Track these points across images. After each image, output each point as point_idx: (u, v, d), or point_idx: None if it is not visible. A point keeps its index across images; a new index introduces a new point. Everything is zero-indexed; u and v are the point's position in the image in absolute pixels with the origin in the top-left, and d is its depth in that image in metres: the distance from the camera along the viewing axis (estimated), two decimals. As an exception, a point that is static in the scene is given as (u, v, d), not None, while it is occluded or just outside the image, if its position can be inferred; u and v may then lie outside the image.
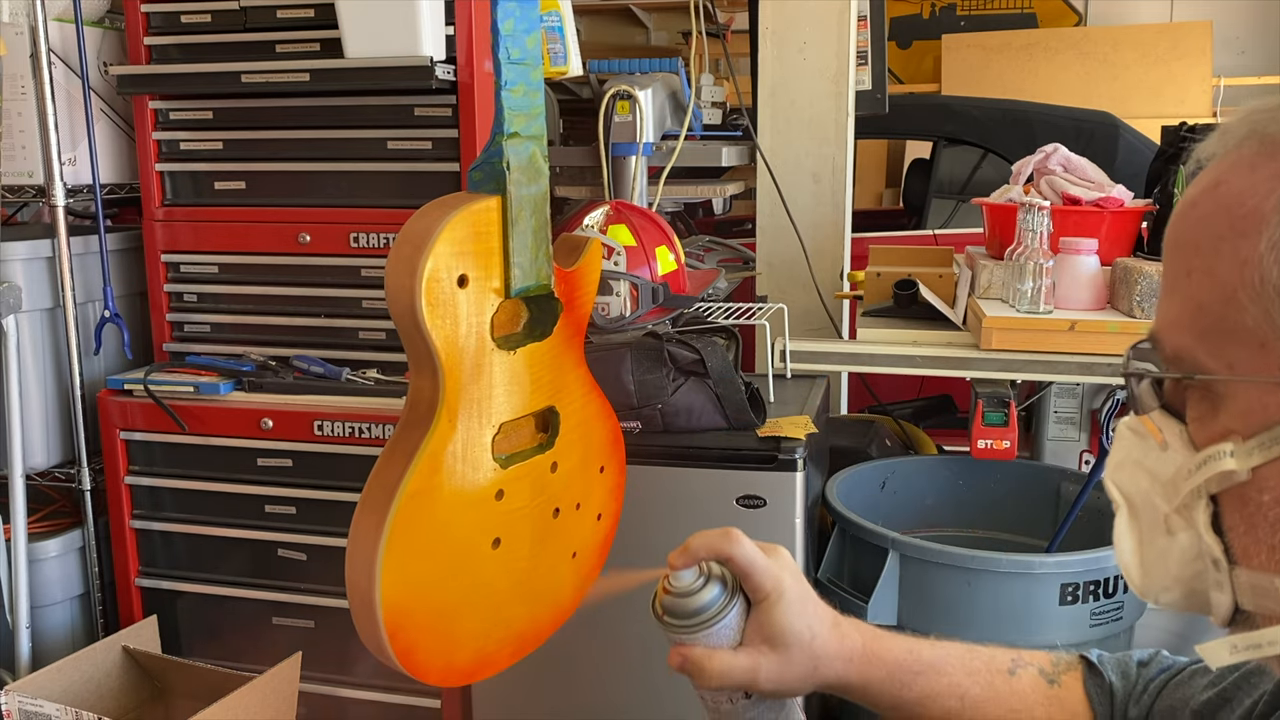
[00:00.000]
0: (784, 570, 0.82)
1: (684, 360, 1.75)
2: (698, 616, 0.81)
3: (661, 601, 0.83)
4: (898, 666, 0.84)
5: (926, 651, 0.85)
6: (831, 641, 0.83)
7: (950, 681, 0.84)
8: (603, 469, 1.21)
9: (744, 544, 0.82)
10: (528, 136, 1.05)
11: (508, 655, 1.15)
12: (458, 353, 1.02)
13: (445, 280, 0.99)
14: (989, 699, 0.84)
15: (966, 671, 0.85)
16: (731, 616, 0.82)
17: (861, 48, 2.60)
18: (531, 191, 1.05)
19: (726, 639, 0.82)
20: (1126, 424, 0.65)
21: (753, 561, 0.81)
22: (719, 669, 0.81)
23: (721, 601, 0.82)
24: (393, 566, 1.00)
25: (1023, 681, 0.86)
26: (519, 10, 1.04)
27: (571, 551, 1.18)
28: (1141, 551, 0.64)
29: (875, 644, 0.84)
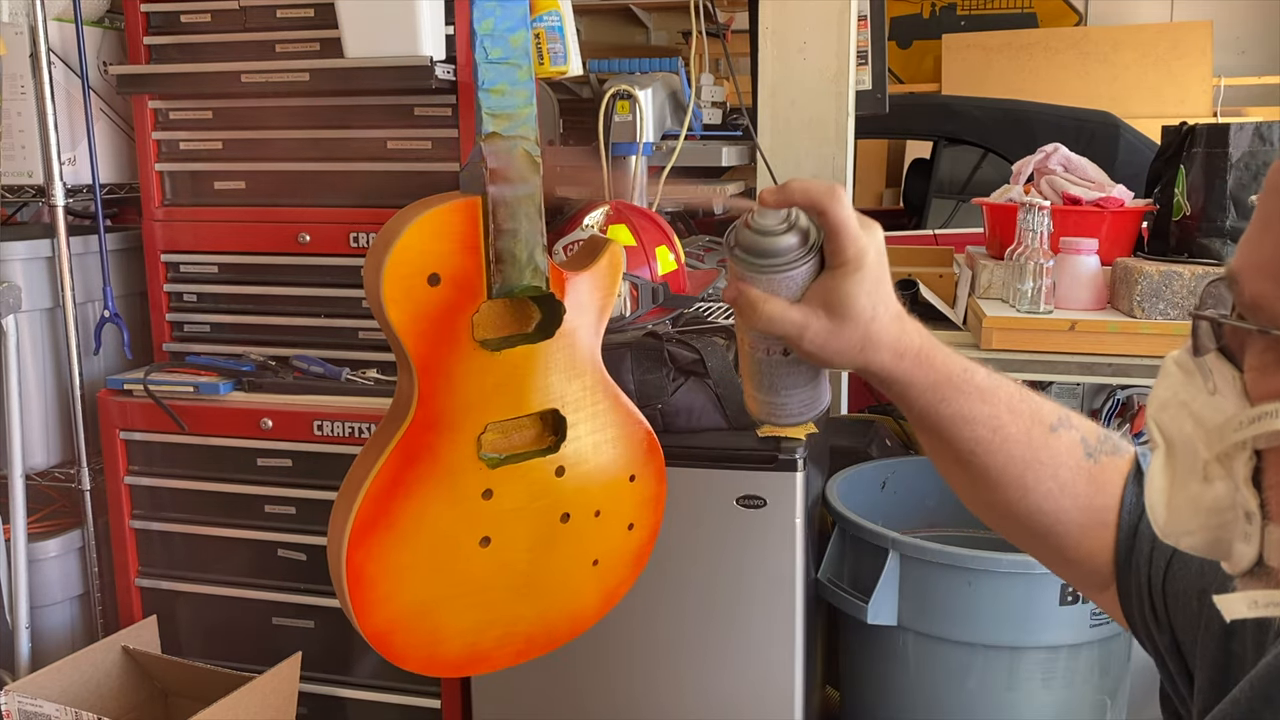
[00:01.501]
0: (871, 245, 0.79)
1: (684, 360, 1.75)
2: (769, 258, 0.79)
3: (739, 233, 0.81)
4: (946, 379, 0.81)
5: (979, 377, 0.82)
6: (889, 330, 0.80)
7: (991, 411, 0.82)
8: (633, 478, 1.20)
9: (843, 203, 0.79)
10: (511, 137, 1.04)
11: (512, 654, 1.15)
12: (430, 350, 1.02)
13: (413, 278, 1.00)
14: (1021, 440, 0.82)
15: (1009, 409, 0.82)
16: (802, 270, 0.80)
17: (861, 48, 2.60)
18: (517, 192, 1.04)
19: (789, 290, 0.80)
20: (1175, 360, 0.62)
21: (844, 224, 0.78)
22: (770, 313, 0.79)
23: (798, 252, 0.79)
24: (360, 552, 1.02)
25: (1061, 440, 0.83)
26: (500, 9, 1.03)
27: (591, 559, 1.17)
28: (1172, 493, 0.62)
29: (931, 350, 0.82)
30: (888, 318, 0.80)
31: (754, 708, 1.76)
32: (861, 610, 1.81)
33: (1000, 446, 0.82)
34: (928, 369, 0.81)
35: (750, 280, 0.80)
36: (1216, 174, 2.00)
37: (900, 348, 0.81)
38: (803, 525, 1.72)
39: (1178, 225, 2.12)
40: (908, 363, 0.81)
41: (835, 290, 0.79)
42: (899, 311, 0.81)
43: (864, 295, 0.79)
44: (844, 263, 0.79)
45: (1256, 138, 1.98)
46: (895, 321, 0.81)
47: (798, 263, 0.79)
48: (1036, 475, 0.82)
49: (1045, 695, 1.82)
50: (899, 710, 1.91)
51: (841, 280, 0.79)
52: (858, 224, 0.79)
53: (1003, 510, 0.85)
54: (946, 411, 0.82)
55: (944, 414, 0.82)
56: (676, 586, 1.76)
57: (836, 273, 0.79)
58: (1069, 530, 0.84)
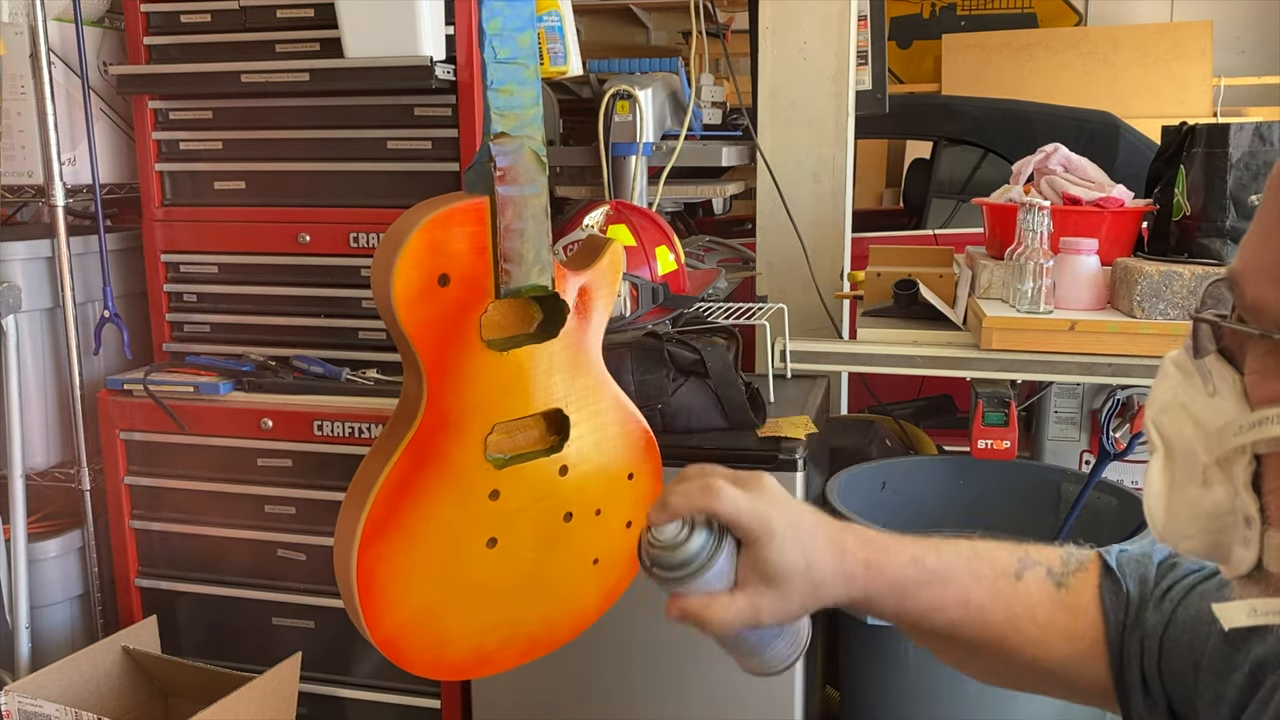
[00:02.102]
0: (771, 508, 0.80)
1: (684, 360, 1.75)
2: (686, 567, 0.80)
3: (647, 555, 0.82)
4: (902, 579, 0.82)
5: (931, 560, 0.83)
6: (829, 565, 0.80)
7: (955, 590, 0.82)
8: (632, 476, 1.20)
9: (725, 496, 0.79)
10: (519, 136, 1.04)
11: (516, 655, 1.15)
12: (439, 351, 1.02)
13: (423, 279, 0.99)
14: (993, 605, 0.82)
15: (972, 577, 0.83)
16: (722, 561, 0.80)
17: (861, 48, 2.60)
18: (524, 192, 1.04)
19: (721, 582, 0.80)
20: (1174, 361, 0.62)
21: (737, 512, 0.79)
22: (719, 617, 0.80)
23: (710, 549, 0.80)
24: (370, 555, 1.01)
25: (1028, 584, 0.83)
26: (508, 9, 1.03)
27: (592, 557, 1.17)
28: (1171, 497, 0.62)
29: (879, 559, 0.82)
30: (823, 554, 0.80)
31: (754, 708, 1.76)
32: (862, 611, 1.81)
33: (976, 618, 0.82)
34: (880, 578, 0.82)
35: (682, 592, 0.81)
36: (1216, 174, 2.00)
37: (848, 572, 0.81)
38: (803, 525, 1.71)
39: (1178, 225, 2.12)
40: (860, 581, 0.81)
41: (762, 563, 0.79)
42: (831, 537, 0.81)
43: (790, 553, 0.79)
44: (755, 539, 0.79)
45: (1256, 138, 1.98)
46: (832, 550, 0.81)
47: (714, 557, 0.80)
48: (1018, 630, 0.83)
49: (1045, 695, 1.82)
50: (899, 710, 1.91)
51: (761, 552, 0.79)
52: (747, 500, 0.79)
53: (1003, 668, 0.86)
54: (914, 607, 0.82)
55: (911, 610, 0.83)
56: (676, 586, 1.76)
57: (753, 549, 0.80)
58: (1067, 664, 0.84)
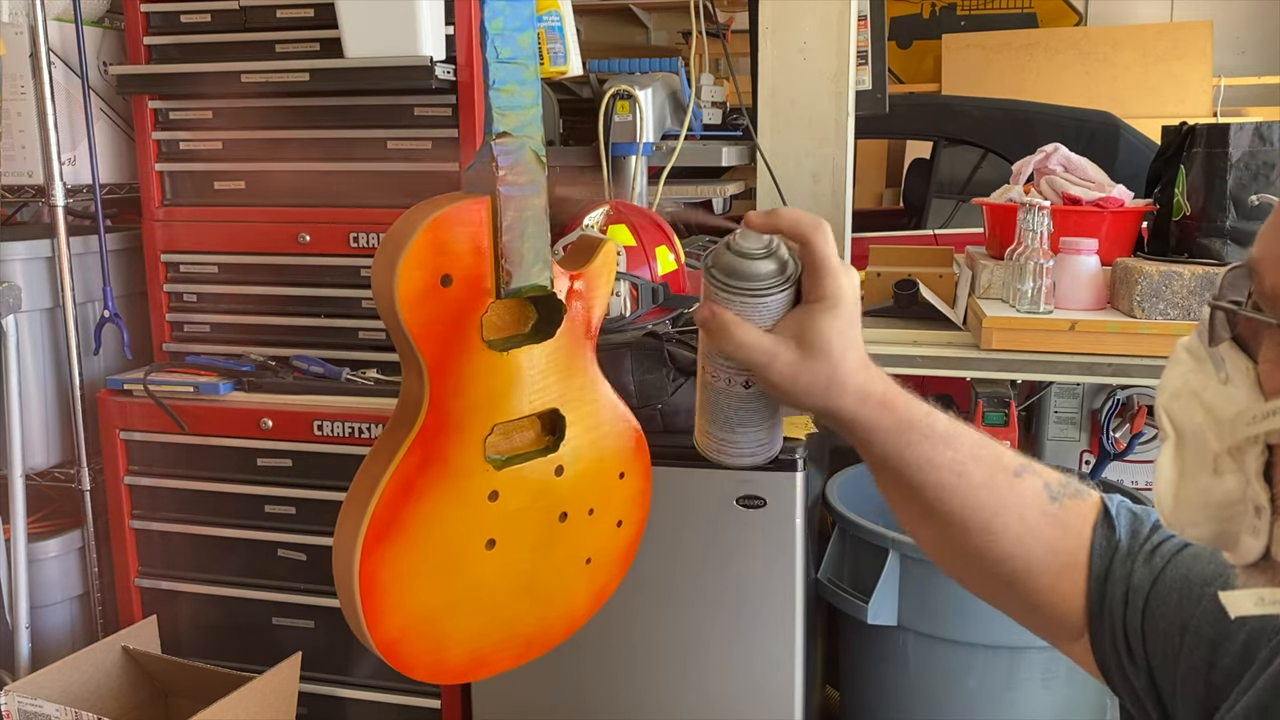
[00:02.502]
0: (850, 286, 0.79)
1: (684, 360, 1.75)
2: (746, 281, 0.78)
3: (718, 255, 0.80)
4: (909, 424, 0.81)
5: (942, 424, 0.82)
6: (855, 375, 0.80)
7: (954, 456, 0.81)
8: (623, 475, 1.20)
9: (828, 239, 0.78)
10: (520, 136, 1.04)
11: (511, 657, 1.15)
12: (441, 352, 1.02)
13: (427, 279, 0.99)
14: (986, 485, 0.82)
15: (972, 455, 0.82)
16: (777, 298, 0.79)
17: (861, 48, 2.60)
18: (525, 192, 1.04)
19: (762, 317, 0.79)
20: (1185, 346, 0.61)
21: (827, 259, 0.78)
22: (741, 337, 0.78)
23: (775, 279, 0.78)
24: (373, 559, 1.01)
25: (1025, 485, 0.83)
26: (509, 9, 1.03)
27: (585, 557, 1.17)
28: (1180, 484, 0.61)
29: (894, 396, 0.81)
30: (855, 362, 0.80)
31: (754, 708, 1.76)
32: (861, 610, 1.81)
33: (966, 491, 0.81)
34: (890, 414, 0.81)
35: (724, 303, 0.79)
36: (1216, 174, 2.00)
37: (864, 393, 0.80)
38: (803, 525, 1.72)
39: (1178, 225, 2.12)
40: (870, 407, 0.80)
41: (809, 324, 0.78)
42: (866, 359, 0.81)
43: (836, 334, 0.78)
44: (821, 298, 0.78)
45: (1256, 138, 1.98)
46: (862, 368, 0.80)
47: (774, 290, 0.78)
48: (1003, 520, 0.82)
49: (1045, 695, 1.82)
50: (899, 710, 1.91)
51: (817, 315, 0.78)
52: (839, 263, 0.79)
53: (971, 557, 0.85)
54: (910, 456, 0.81)
55: (908, 458, 0.81)
56: (677, 586, 1.76)
57: (813, 307, 0.79)
58: (1038, 575, 0.83)
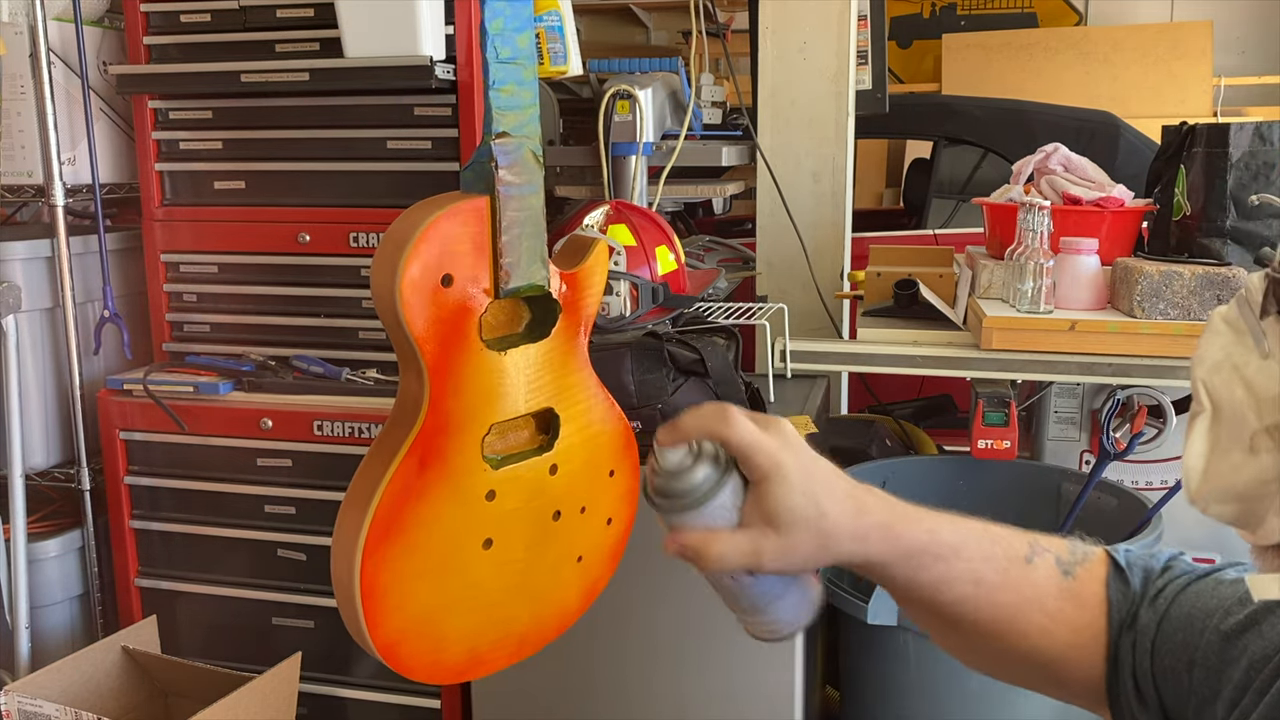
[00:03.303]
0: (784, 448, 0.76)
1: (684, 360, 1.75)
2: (687, 496, 0.77)
3: (650, 480, 0.79)
4: (917, 550, 0.80)
5: (946, 533, 0.81)
6: (844, 520, 0.77)
7: (968, 567, 0.81)
8: (613, 473, 1.20)
9: (739, 425, 0.76)
10: (519, 136, 1.04)
11: (505, 656, 1.15)
12: (441, 352, 1.02)
13: (427, 280, 0.99)
14: (1003, 585, 0.81)
15: (984, 557, 0.82)
16: (725, 495, 0.77)
17: (861, 47, 2.60)
18: (523, 191, 1.05)
19: (723, 519, 0.77)
20: (1224, 317, 0.61)
21: (748, 443, 0.76)
22: (718, 553, 0.77)
23: (713, 481, 0.77)
24: (374, 562, 1.01)
25: (1039, 570, 0.83)
26: (509, 9, 1.03)
27: (577, 555, 1.17)
28: (1211, 459, 0.61)
29: (895, 523, 0.79)
30: (837, 508, 0.77)
31: (754, 708, 1.76)
32: (861, 610, 1.81)
33: (985, 598, 0.81)
34: (895, 543, 0.79)
35: (681, 524, 0.78)
36: (1216, 174, 2.00)
37: (861, 532, 0.78)
38: (802, 525, 1.71)
39: (1178, 225, 2.12)
40: (875, 543, 0.79)
41: (769, 504, 0.76)
42: (848, 493, 0.78)
43: (799, 497, 0.76)
44: (763, 477, 0.76)
45: (1256, 138, 1.98)
46: (848, 505, 0.78)
47: (716, 489, 0.77)
48: (1026, 616, 0.82)
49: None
50: (899, 710, 1.91)
51: (769, 493, 0.76)
52: (761, 436, 0.76)
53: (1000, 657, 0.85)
54: (925, 578, 0.80)
55: (923, 581, 0.80)
56: (676, 586, 1.76)
57: (762, 486, 0.77)
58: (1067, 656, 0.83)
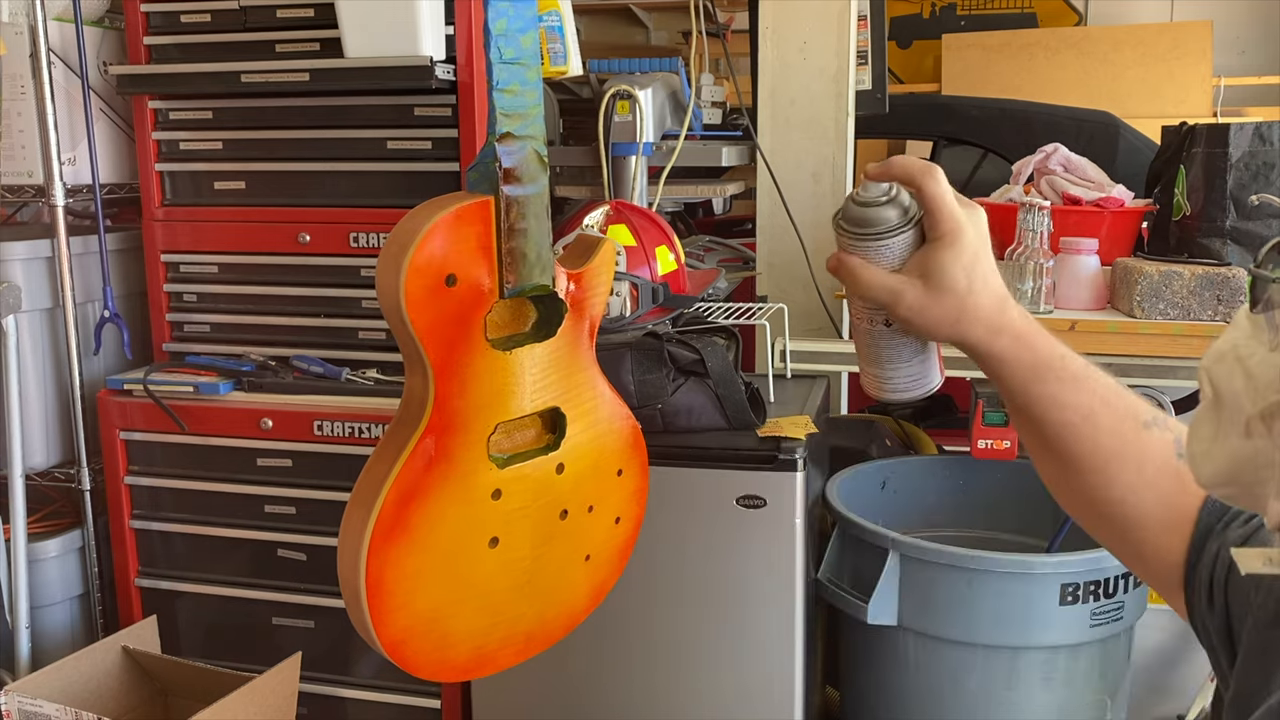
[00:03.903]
0: (970, 223, 0.84)
1: (684, 360, 1.75)
2: (867, 227, 0.84)
3: (844, 207, 0.87)
4: (1043, 362, 0.84)
5: (1076, 365, 0.85)
6: (985, 306, 0.83)
7: (1083, 400, 0.84)
8: (621, 472, 1.20)
9: (940, 182, 0.83)
10: (523, 136, 1.05)
11: (512, 654, 1.15)
12: (446, 352, 1.02)
13: (432, 279, 0.99)
14: (1112, 431, 0.84)
15: (1103, 400, 0.84)
16: (898, 240, 0.84)
17: (861, 47, 2.60)
18: (527, 192, 1.05)
19: (887, 259, 0.85)
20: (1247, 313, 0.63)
21: (940, 200, 0.83)
22: (866, 278, 0.84)
23: (895, 223, 0.84)
24: (380, 560, 1.01)
25: (1153, 436, 0.85)
26: (512, 9, 1.04)
27: (584, 554, 1.18)
28: (1213, 444, 0.63)
29: (1031, 333, 0.85)
30: (985, 294, 0.84)
31: (754, 708, 1.76)
32: (861, 610, 1.81)
33: (1089, 434, 0.84)
34: (1024, 349, 0.84)
35: (851, 249, 0.86)
36: (1216, 174, 2.00)
37: (997, 325, 0.84)
38: (803, 525, 1.72)
39: (1178, 225, 2.12)
40: (1004, 340, 0.84)
41: (931, 261, 0.83)
42: (1000, 292, 0.85)
43: (959, 268, 0.83)
44: (940, 236, 0.83)
45: (1256, 138, 1.98)
46: (994, 299, 0.84)
47: (894, 232, 0.84)
48: (1121, 466, 0.84)
49: (1045, 695, 1.82)
50: (899, 710, 1.91)
51: (938, 252, 0.83)
52: (955, 202, 0.83)
53: (1086, 498, 0.87)
54: (1038, 391, 0.84)
55: (1035, 394, 0.85)
56: (677, 586, 1.76)
57: (934, 245, 0.84)
58: (1149, 525, 0.85)
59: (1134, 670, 1.99)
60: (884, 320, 0.88)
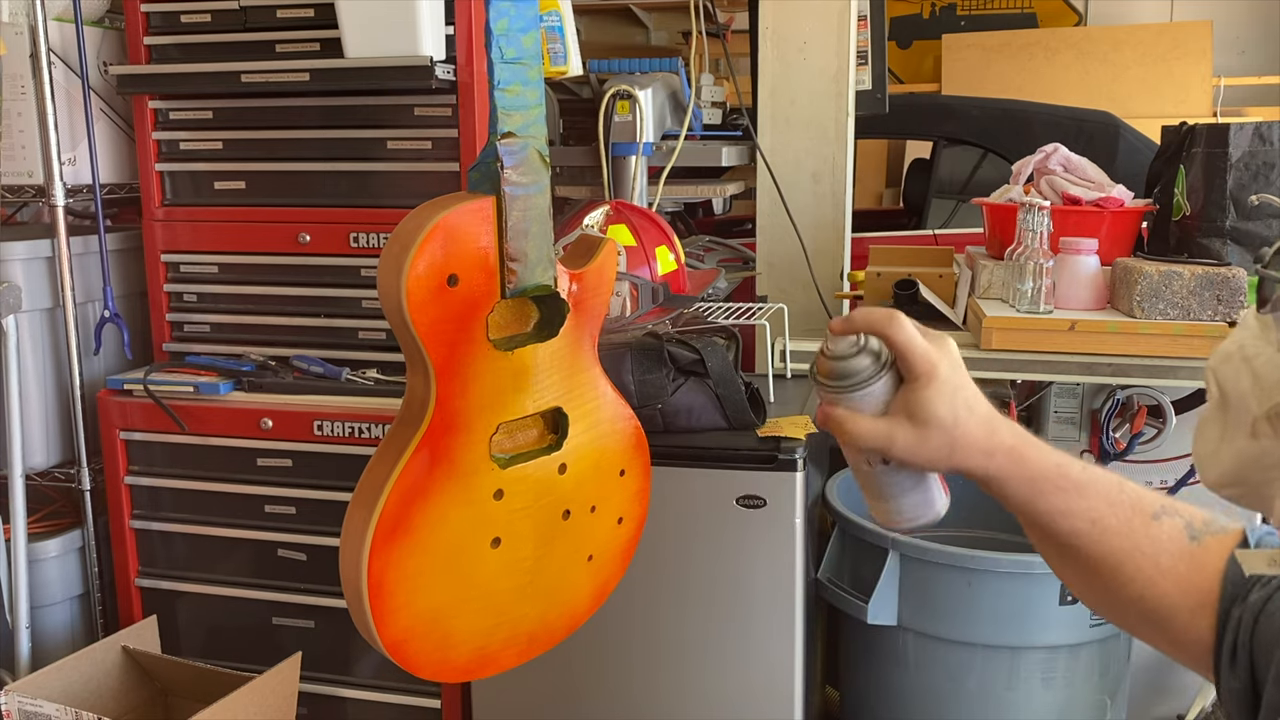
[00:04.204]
0: (943, 358, 0.85)
1: (684, 360, 1.75)
2: (843, 379, 0.87)
3: (818, 362, 0.90)
4: (1041, 477, 0.84)
5: (1075, 472, 0.85)
6: (976, 433, 0.85)
7: (1088, 505, 0.84)
8: (623, 472, 1.20)
9: (904, 328, 0.85)
10: (524, 136, 1.05)
11: (515, 655, 1.15)
12: (448, 352, 1.02)
13: (433, 279, 0.99)
14: (1120, 532, 0.84)
15: (1108, 501, 0.84)
16: (877, 387, 0.87)
17: (861, 48, 2.60)
18: (529, 191, 1.05)
19: (870, 406, 0.87)
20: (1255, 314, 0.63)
21: (910, 344, 0.85)
22: (856, 429, 0.87)
23: (869, 371, 0.87)
24: (381, 560, 1.01)
25: (1163, 528, 0.84)
26: (514, 9, 1.04)
27: (587, 554, 1.18)
28: (1220, 445, 0.63)
29: (1025, 449, 0.85)
30: (973, 422, 0.85)
31: (754, 708, 1.76)
32: (861, 610, 1.81)
33: (1100, 538, 0.84)
34: (1020, 466, 0.85)
35: (834, 402, 0.89)
36: (1216, 174, 2.00)
37: (989, 447, 0.85)
38: (803, 525, 1.72)
39: (1178, 225, 2.12)
40: (1000, 461, 0.85)
41: (914, 402, 0.85)
42: (986, 415, 0.86)
43: (942, 404, 0.84)
44: (917, 377, 0.85)
45: (1256, 138, 1.98)
46: (983, 424, 0.85)
47: (871, 380, 0.87)
48: (1136, 564, 0.84)
49: (1045, 695, 1.82)
50: (899, 710, 1.91)
51: (917, 392, 0.85)
52: (924, 341, 0.86)
53: (1109, 599, 0.88)
54: (1043, 506, 0.85)
55: (1040, 508, 0.85)
56: (677, 586, 1.76)
57: (912, 386, 0.86)
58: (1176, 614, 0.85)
59: (1134, 670, 1.99)
60: (881, 459, 0.90)
